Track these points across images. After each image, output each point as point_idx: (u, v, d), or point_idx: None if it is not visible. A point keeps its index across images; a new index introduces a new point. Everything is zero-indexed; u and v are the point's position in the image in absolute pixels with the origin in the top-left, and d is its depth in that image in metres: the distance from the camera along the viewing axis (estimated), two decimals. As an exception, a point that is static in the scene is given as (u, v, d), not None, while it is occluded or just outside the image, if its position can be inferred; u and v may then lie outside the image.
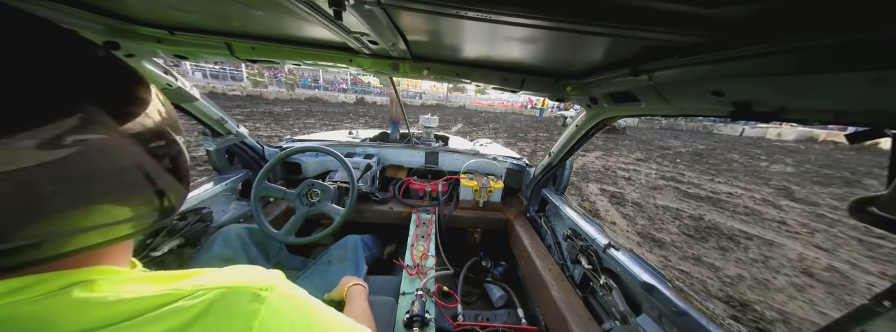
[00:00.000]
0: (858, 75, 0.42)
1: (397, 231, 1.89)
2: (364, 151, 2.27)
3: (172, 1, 0.68)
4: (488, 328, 1.35)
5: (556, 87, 1.23)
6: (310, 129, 9.12)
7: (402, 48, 0.95)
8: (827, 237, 4.12)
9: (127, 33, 0.96)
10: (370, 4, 0.55)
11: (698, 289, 2.76)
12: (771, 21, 0.46)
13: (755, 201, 5.58)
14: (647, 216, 4.37)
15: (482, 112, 23.29)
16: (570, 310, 1.21)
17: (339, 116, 12.94)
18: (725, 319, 0.89)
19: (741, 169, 8.59)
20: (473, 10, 0.53)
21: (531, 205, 2.06)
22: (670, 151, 10.89)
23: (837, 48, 0.42)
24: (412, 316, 1.07)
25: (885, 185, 0.45)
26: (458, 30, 0.73)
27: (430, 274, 1.37)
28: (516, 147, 8.85)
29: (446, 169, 2.33)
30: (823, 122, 0.53)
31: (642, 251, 3.34)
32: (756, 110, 0.62)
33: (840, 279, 3.10)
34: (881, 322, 0.47)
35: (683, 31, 0.54)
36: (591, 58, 0.87)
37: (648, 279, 1.07)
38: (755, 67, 0.53)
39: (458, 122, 14.82)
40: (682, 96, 0.77)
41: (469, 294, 1.89)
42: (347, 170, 1.48)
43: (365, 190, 2.02)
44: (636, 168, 7.53)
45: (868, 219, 0.46)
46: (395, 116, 2.63)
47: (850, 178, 8.24)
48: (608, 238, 1.35)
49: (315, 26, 0.79)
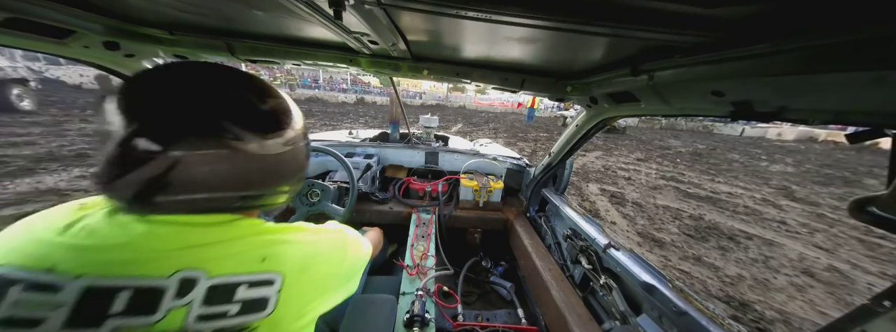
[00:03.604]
0: (858, 75, 0.42)
1: (397, 231, 1.89)
2: (364, 151, 2.27)
3: (172, 1, 0.68)
4: (488, 328, 1.35)
5: (556, 87, 1.23)
6: (310, 129, 9.06)
7: (402, 48, 0.95)
8: (827, 237, 4.12)
9: (127, 33, 0.96)
10: (370, 4, 0.55)
11: (698, 289, 2.76)
12: (770, 21, 0.46)
13: (755, 200, 5.58)
14: (648, 216, 4.37)
15: (482, 112, 23.29)
16: (570, 310, 1.21)
17: (339, 116, 12.93)
18: (725, 319, 0.89)
19: (741, 169, 8.58)
20: (473, 10, 0.53)
21: (531, 205, 2.06)
22: (670, 151, 10.89)
23: (837, 48, 0.42)
24: (412, 316, 1.07)
25: (885, 185, 0.45)
26: (458, 30, 0.73)
27: (430, 274, 1.37)
28: (516, 147, 8.85)
29: (446, 169, 2.33)
30: (823, 122, 0.53)
31: (642, 251, 3.34)
32: (756, 110, 0.62)
33: (840, 279, 3.10)
34: (881, 322, 0.47)
35: (683, 31, 0.54)
36: (591, 58, 0.87)
37: (648, 278, 1.07)
38: (755, 67, 0.53)
39: (458, 122, 14.81)
40: (682, 96, 0.77)
41: (469, 294, 1.90)
42: (347, 170, 1.49)
43: (365, 190, 2.03)
44: (636, 168, 7.53)
45: (868, 219, 0.46)
46: (395, 116, 2.63)
47: (850, 178, 8.24)
48: (608, 238, 1.35)
49: (315, 26, 0.79)
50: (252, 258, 0.44)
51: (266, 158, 0.47)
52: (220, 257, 0.43)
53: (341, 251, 0.59)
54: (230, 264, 0.43)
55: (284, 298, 0.45)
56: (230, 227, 0.47)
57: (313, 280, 0.51)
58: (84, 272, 0.36)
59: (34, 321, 0.34)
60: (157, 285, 0.38)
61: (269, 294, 0.44)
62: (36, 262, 0.36)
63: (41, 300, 0.35)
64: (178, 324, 0.38)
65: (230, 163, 0.44)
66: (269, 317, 0.43)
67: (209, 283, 0.40)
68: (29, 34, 0.77)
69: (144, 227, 0.42)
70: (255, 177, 0.48)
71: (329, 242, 0.57)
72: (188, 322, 0.39)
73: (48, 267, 0.36)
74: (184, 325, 0.38)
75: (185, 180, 0.41)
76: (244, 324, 0.41)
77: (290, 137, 0.51)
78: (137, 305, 0.37)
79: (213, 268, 0.41)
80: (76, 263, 0.37)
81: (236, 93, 0.46)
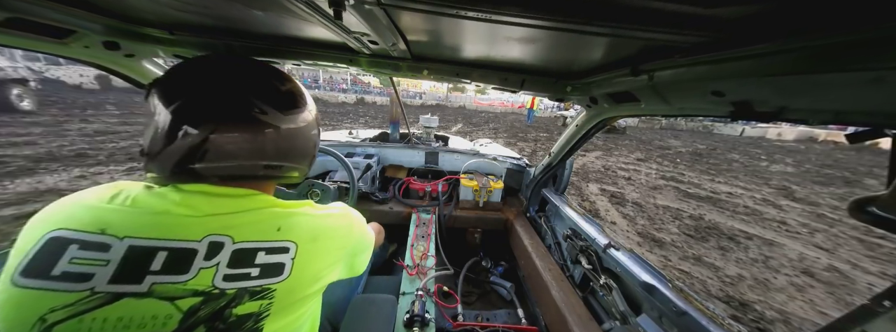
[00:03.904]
0: (858, 75, 0.42)
1: (397, 231, 1.89)
2: (364, 152, 2.27)
3: (172, 1, 0.68)
4: (488, 328, 1.35)
5: (556, 87, 1.23)
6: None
7: (402, 48, 0.95)
8: (827, 237, 4.12)
9: (127, 33, 0.96)
10: (370, 4, 0.55)
11: (698, 289, 2.76)
12: (770, 21, 0.46)
13: (755, 200, 5.58)
14: (648, 216, 4.37)
15: (482, 112, 23.29)
16: (570, 310, 1.21)
17: (339, 116, 12.93)
18: (725, 319, 0.89)
19: (741, 169, 8.58)
20: (473, 10, 0.53)
21: (531, 205, 2.06)
22: (670, 151, 10.89)
23: (837, 48, 0.42)
24: (412, 316, 1.07)
25: (885, 185, 0.45)
26: (458, 30, 0.73)
27: (430, 274, 1.37)
28: (516, 147, 8.85)
29: (446, 169, 2.33)
30: (823, 122, 0.53)
31: (642, 251, 3.34)
32: (756, 110, 0.62)
33: (840, 279, 3.10)
34: (881, 322, 0.47)
35: (683, 31, 0.54)
36: (591, 58, 0.87)
37: (648, 278, 1.07)
38: (755, 67, 0.53)
39: (458, 122, 14.81)
40: (682, 96, 0.77)
41: (469, 294, 1.89)
42: (348, 170, 1.49)
43: (365, 190, 2.03)
44: (636, 168, 7.53)
45: (868, 219, 0.46)
46: (395, 116, 2.63)
47: (850, 178, 8.24)
48: (608, 238, 1.35)
49: (315, 26, 0.79)
50: (269, 227, 0.50)
51: (285, 133, 0.55)
52: (243, 224, 0.49)
53: (347, 226, 0.64)
54: (251, 231, 0.49)
55: (298, 264, 0.51)
56: (251, 199, 0.53)
57: (324, 250, 0.57)
58: (129, 234, 0.42)
59: (87, 276, 0.39)
60: (190, 246, 0.44)
61: (284, 261, 0.50)
62: (89, 225, 0.42)
63: (94, 257, 0.40)
64: (207, 282, 0.44)
65: (255, 134, 0.51)
66: (285, 281, 0.49)
67: (234, 247, 0.46)
68: (29, 34, 0.77)
69: (179, 196, 0.48)
70: (275, 148, 0.54)
71: (336, 217, 0.63)
72: (216, 281, 0.44)
73: (101, 229, 0.42)
74: (212, 283, 0.44)
75: (218, 149, 0.48)
76: (264, 286, 0.47)
77: (305, 117, 0.59)
78: (173, 264, 0.43)
79: (237, 234, 0.47)
80: (123, 226, 0.43)
81: (261, 75, 0.55)
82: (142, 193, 0.48)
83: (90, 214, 0.43)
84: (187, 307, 0.42)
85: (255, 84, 0.53)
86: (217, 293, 0.44)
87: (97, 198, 0.46)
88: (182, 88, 0.49)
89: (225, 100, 0.49)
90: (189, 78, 0.51)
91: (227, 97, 0.49)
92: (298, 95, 0.58)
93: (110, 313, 0.39)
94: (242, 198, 0.52)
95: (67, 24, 0.80)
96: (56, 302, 0.38)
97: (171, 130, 0.46)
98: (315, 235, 0.55)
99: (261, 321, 0.47)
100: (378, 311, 1.04)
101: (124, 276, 0.40)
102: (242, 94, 0.50)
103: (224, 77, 0.51)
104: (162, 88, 0.48)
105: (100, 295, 0.39)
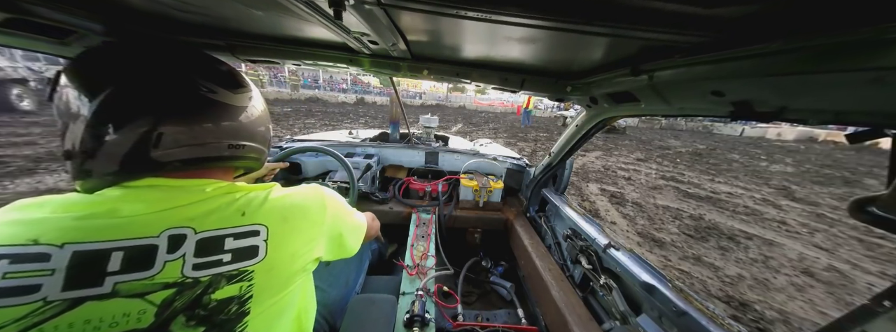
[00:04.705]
0: (858, 75, 0.42)
1: (397, 231, 1.89)
2: (364, 152, 2.27)
3: (172, 1, 0.68)
4: (488, 328, 1.35)
5: (557, 87, 1.23)
6: (310, 129, 9.11)
7: (402, 48, 0.95)
8: (827, 237, 4.12)
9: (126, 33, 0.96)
10: (370, 4, 0.55)
11: (698, 289, 2.76)
12: (770, 21, 0.46)
13: (755, 200, 5.58)
14: (647, 216, 4.37)
15: (482, 112, 23.29)
16: (570, 310, 1.21)
17: (339, 116, 12.93)
18: (725, 319, 0.89)
19: (741, 169, 8.58)
20: (473, 10, 0.53)
21: (531, 205, 2.06)
22: (670, 151, 10.89)
23: (837, 48, 0.42)
24: (412, 316, 1.07)
25: (885, 185, 0.45)
26: (458, 30, 0.73)
27: (430, 274, 1.37)
28: (516, 147, 8.85)
29: (446, 169, 2.33)
30: (823, 122, 0.53)
31: (642, 251, 3.34)
32: (756, 110, 0.62)
33: (840, 279, 3.10)
34: (881, 322, 0.47)
35: (683, 31, 0.54)
36: (591, 58, 0.87)
37: (648, 278, 1.07)
38: (755, 67, 0.53)
39: (458, 122, 14.81)
40: (682, 96, 0.77)
41: (469, 294, 1.89)
42: (347, 170, 1.48)
43: (365, 190, 2.02)
44: (636, 168, 7.53)
45: (868, 219, 0.46)
46: (395, 116, 2.63)
47: (850, 178, 8.24)
48: (608, 238, 1.35)
49: (315, 26, 0.79)
50: (232, 214, 0.50)
51: (240, 112, 0.55)
52: (203, 213, 0.48)
53: (319, 204, 0.63)
54: (213, 219, 0.48)
55: (273, 245, 0.51)
56: (208, 188, 0.51)
57: (297, 229, 0.57)
58: (69, 240, 0.40)
59: (31, 287, 0.37)
60: (147, 243, 0.43)
61: (257, 243, 0.50)
62: (17, 238, 0.39)
63: (32, 268, 0.38)
64: (176, 274, 0.43)
65: (212, 112, 0.51)
66: (262, 262, 0.49)
67: (198, 237, 0.46)
68: (29, 34, 0.77)
69: (123, 192, 0.46)
70: (237, 128, 0.55)
71: (303, 196, 0.62)
72: (185, 271, 0.44)
73: (32, 239, 0.39)
74: (181, 274, 0.43)
75: (174, 131, 0.47)
76: (240, 268, 0.47)
77: (254, 95, 0.59)
78: (133, 262, 0.41)
79: (198, 225, 0.46)
80: (58, 233, 0.40)
81: (197, 55, 0.54)
82: (74, 198, 0.45)
83: (16, 228, 0.40)
84: (160, 300, 0.42)
85: (196, 63, 0.53)
86: (190, 281, 0.43)
87: (21, 212, 0.43)
88: (118, 73, 0.46)
89: (168, 81, 0.48)
90: (125, 63, 0.48)
91: (169, 78, 0.48)
92: (237, 74, 0.58)
93: (74, 318, 0.38)
94: (198, 188, 0.51)
95: (67, 24, 0.80)
96: (3, 318, 0.36)
97: (114, 118, 0.44)
98: (284, 215, 0.55)
99: (246, 304, 0.47)
100: (378, 311, 1.04)
101: (78, 281, 0.39)
102: (185, 73, 0.50)
103: (162, 60, 0.50)
104: (91, 76, 0.46)
105: (55, 303, 0.37)
